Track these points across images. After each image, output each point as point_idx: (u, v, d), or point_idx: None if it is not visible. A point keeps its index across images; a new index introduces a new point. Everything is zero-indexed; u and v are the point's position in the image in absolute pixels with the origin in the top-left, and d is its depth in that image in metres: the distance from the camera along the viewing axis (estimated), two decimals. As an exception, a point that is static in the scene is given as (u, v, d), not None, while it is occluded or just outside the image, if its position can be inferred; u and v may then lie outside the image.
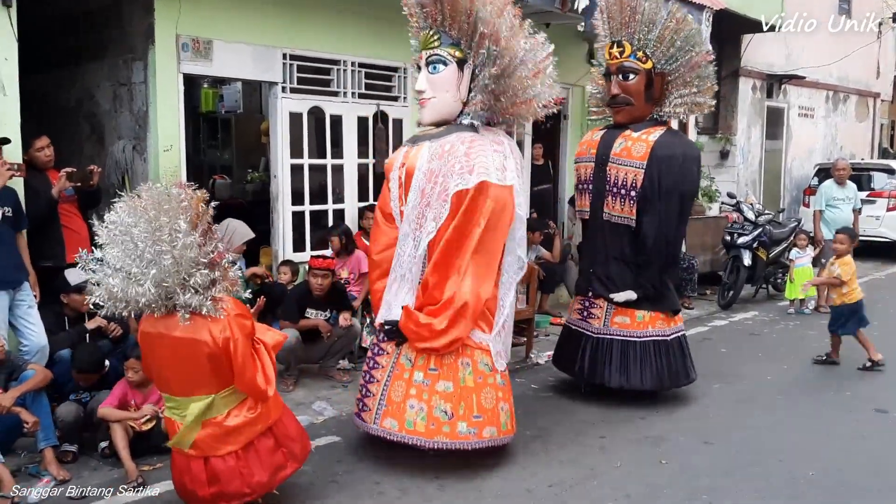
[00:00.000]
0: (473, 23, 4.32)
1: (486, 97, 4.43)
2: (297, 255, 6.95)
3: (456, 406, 4.30)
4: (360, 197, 7.53)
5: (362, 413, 4.54)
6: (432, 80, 4.48)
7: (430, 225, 4.33)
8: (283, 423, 3.80)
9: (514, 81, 4.38)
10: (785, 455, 4.73)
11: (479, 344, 4.41)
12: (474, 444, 4.35)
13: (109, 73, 6.38)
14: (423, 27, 4.53)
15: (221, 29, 6.21)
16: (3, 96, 4.97)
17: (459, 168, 4.24)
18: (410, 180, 4.45)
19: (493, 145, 4.41)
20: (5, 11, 4.94)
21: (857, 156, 16.31)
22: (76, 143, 6.77)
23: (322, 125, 7.25)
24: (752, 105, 13.50)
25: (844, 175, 9.30)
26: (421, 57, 4.55)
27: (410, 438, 4.31)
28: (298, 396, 5.71)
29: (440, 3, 4.37)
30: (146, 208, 3.42)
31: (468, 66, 4.44)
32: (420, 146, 4.53)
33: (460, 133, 4.43)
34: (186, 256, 3.39)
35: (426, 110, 4.57)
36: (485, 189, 4.22)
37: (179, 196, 3.47)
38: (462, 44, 4.42)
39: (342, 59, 7.16)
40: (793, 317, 8.84)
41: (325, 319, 5.99)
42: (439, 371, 4.32)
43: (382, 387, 4.44)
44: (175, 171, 6.02)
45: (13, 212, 4.83)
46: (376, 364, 4.54)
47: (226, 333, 3.48)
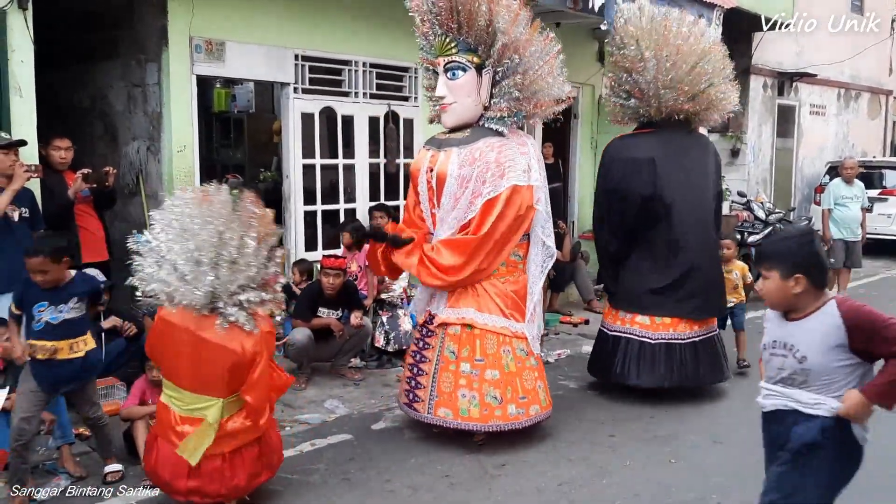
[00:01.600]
0: (492, 33, 4.49)
1: (512, 104, 4.62)
2: (309, 254, 7.01)
3: (504, 391, 4.65)
4: (371, 196, 7.58)
5: (414, 404, 4.80)
6: (452, 86, 4.67)
7: (452, 223, 4.64)
8: (268, 435, 3.91)
9: (535, 85, 4.60)
10: (794, 454, 4.74)
11: (515, 333, 4.72)
12: (524, 422, 4.74)
13: (123, 74, 6.45)
14: (438, 34, 4.67)
15: (234, 30, 6.27)
16: (20, 98, 5.03)
17: (491, 175, 4.52)
18: (442, 185, 4.66)
19: (520, 148, 4.67)
20: (21, 14, 5.00)
21: (868, 154, 16.24)
22: (89, 142, 6.84)
23: (333, 125, 7.30)
24: (762, 103, 13.46)
25: (852, 174, 9.27)
26: (439, 63, 4.70)
27: (466, 425, 4.64)
28: (310, 395, 5.76)
29: (456, 13, 4.51)
30: (218, 213, 3.48)
31: (486, 70, 4.62)
32: (448, 152, 4.69)
33: (488, 139, 4.63)
34: (246, 273, 3.49)
35: (448, 115, 4.75)
36: (513, 192, 4.53)
37: (251, 211, 3.57)
38: (479, 50, 4.59)
39: (353, 60, 7.21)
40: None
41: (337, 318, 6.04)
42: (485, 361, 4.65)
43: (431, 379, 4.71)
44: (189, 172, 6.09)
45: (30, 212, 4.90)
46: (423, 357, 4.81)
47: (257, 349, 3.60)
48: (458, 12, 4.51)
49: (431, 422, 4.75)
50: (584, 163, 10.06)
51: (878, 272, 11.70)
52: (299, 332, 5.86)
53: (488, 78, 4.64)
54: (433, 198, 4.77)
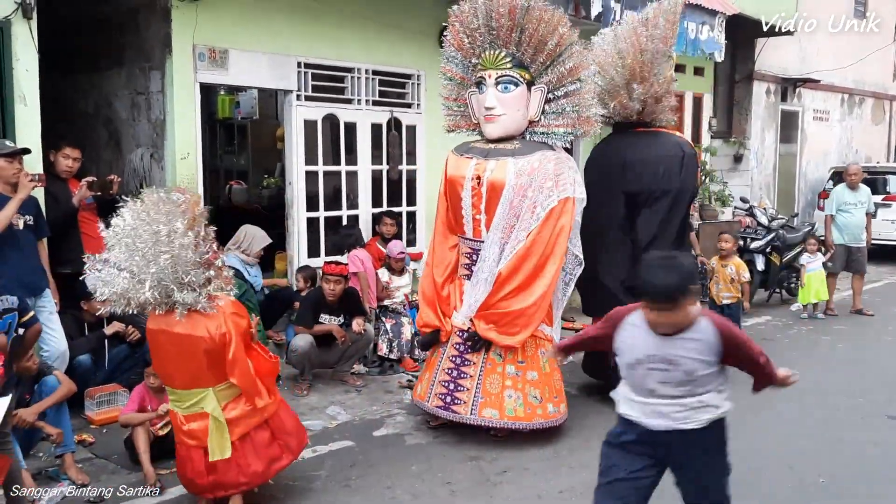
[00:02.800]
0: (557, 55, 4.76)
1: (568, 120, 4.88)
2: (311, 260, 7.03)
3: (542, 391, 4.93)
4: (374, 203, 7.60)
5: (452, 406, 4.90)
6: (503, 99, 4.87)
7: (521, 234, 4.80)
8: (279, 417, 3.99)
9: (584, 102, 4.89)
10: (795, 461, 4.75)
11: (546, 336, 5.00)
12: (559, 420, 5.02)
13: (127, 82, 6.49)
14: (490, 47, 4.86)
15: (237, 38, 6.31)
16: (24, 106, 5.07)
17: (550, 185, 4.75)
18: (494, 193, 4.82)
19: (569, 162, 4.96)
20: (25, 23, 5.04)
21: (872, 159, 16.21)
22: (94, 148, 6.88)
23: (336, 132, 7.33)
24: (766, 108, 13.45)
25: (857, 179, 9.26)
26: (489, 75, 4.87)
27: (513, 424, 4.85)
28: (312, 401, 5.78)
29: (518, 30, 4.72)
30: (147, 211, 3.64)
31: (538, 87, 4.86)
32: (502, 161, 4.85)
33: (544, 152, 4.86)
34: (183, 256, 3.60)
35: (495, 126, 4.95)
36: (568, 203, 4.80)
37: (178, 200, 3.68)
38: (532, 67, 4.83)
39: (356, 67, 7.23)
40: (806, 322, 8.82)
41: (339, 325, 6.06)
42: (526, 363, 4.92)
43: (476, 381, 4.85)
44: (192, 179, 6.12)
45: (34, 220, 4.93)
46: (466, 361, 4.98)
47: (221, 329, 3.69)
48: (522, 31, 4.73)
49: (475, 422, 4.87)
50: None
51: (883, 278, 11.69)
52: (301, 339, 5.89)
53: (540, 94, 4.88)
54: (479, 204, 4.91)
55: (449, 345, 5.06)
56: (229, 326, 3.72)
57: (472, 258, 5.03)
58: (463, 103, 5.20)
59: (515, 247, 4.79)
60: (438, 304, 5.13)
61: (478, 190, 4.89)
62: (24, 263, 4.79)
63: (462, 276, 5.13)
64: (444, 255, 5.22)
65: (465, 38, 4.92)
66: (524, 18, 4.70)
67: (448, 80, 5.23)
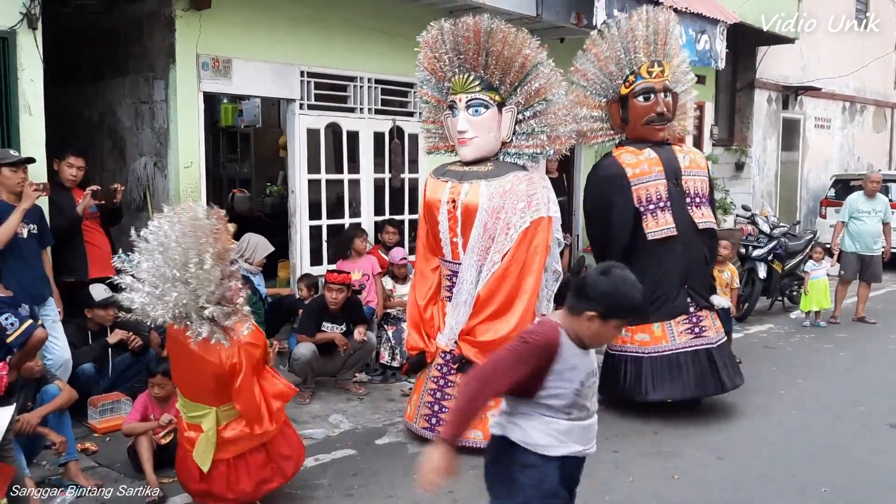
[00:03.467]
0: (524, 76, 4.76)
1: (537, 142, 4.88)
2: (314, 268, 7.05)
3: None
4: (376, 211, 7.63)
5: (437, 427, 4.88)
6: (474, 122, 4.89)
7: (496, 256, 4.81)
8: (277, 442, 4.01)
9: (554, 121, 4.89)
10: (798, 470, 4.75)
11: None
12: None
13: (131, 91, 6.52)
14: (459, 71, 4.89)
15: (240, 47, 6.34)
16: (29, 116, 5.10)
17: (523, 206, 4.77)
18: (468, 216, 4.85)
19: (542, 181, 4.98)
20: (30, 34, 5.08)
21: (874, 167, 16.23)
22: (98, 157, 6.91)
23: (339, 140, 7.36)
24: (767, 116, 13.48)
25: (876, 188, 9.19)
26: (460, 99, 4.90)
27: None
28: (315, 409, 5.79)
29: (485, 53, 4.74)
30: (183, 229, 3.61)
31: (508, 108, 4.87)
32: (475, 184, 4.88)
33: (516, 173, 4.87)
34: (206, 289, 3.62)
35: (468, 149, 4.97)
36: (542, 223, 4.81)
37: (214, 227, 3.68)
38: (502, 89, 4.84)
39: (358, 76, 7.27)
40: (808, 329, 8.82)
41: (341, 333, 6.07)
42: None
43: None
44: (195, 188, 6.14)
45: (38, 228, 4.96)
46: (449, 382, 4.95)
47: (233, 360, 3.73)
48: (488, 54, 4.75)
49: (461, 444, 4.78)
50: (589, 177, 10.09)
51: (886, 285, 11.66)
52: (303, 347, 5.90)
53: (510, 115, 4.90)
54: (455, 227, 4.94)
55: (432, 366, 5.10)
56: (241, 358, 3.75)
57: (452, 280, 5.07)
58: (440, 125, 5.25)
59: (492, 269, 4.82)
60: (422, 326, 5.16)
61: (453, 213, 4.93)
62: (27, 272, 4.81)
63: (444, 298, 5.16)
64: (425, 277, 5.25)
65: (435, 62, 4.97)
66: (488, 42, 4.73)
67: (424, 103, 5.29)
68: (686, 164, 5.71)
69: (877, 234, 9.10)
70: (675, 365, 5.52)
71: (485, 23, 4.70)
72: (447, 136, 5.20)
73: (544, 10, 7.49)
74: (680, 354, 5.55)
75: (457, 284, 5.00)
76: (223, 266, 3.71)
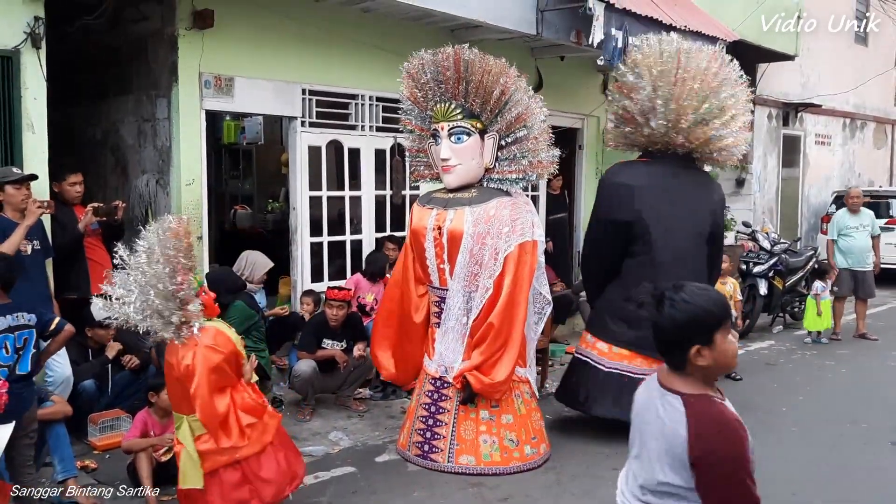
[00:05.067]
0: (504, 104, 4.83)
1: (519, 167, 4.94)
2: (315, 285, 7.06)
3: (519, 433, 4.95)
4: (377, 227, 7.65)
5: (431, 455, 4.92)
6: (456, 150, 4.95)
7: (487, 282, 4.84)
8: (256, 462, 3.86)
9: (535, 147, 4.94)
10: (799, 487, 4.73)
11: (521, 377, 5.05)
12: (538, 461, 5.02)
13: (134, 109, 6.57)
14: (441, 100, 4.95)
15: (243, 66, 6.39)
16: (32, 134, 5.13)
17: (507, 231, 4.82)
18: (454, 243, 4.90)
19: (526, 206, 5.04)
20: (34, 53, 5.12)
21: (875, 183, 16.25)
22: (101, 175, 6.95)
23: (340, 157, 7.39)
24: (767, 133, 13.51)
25: (858, 203, 9.29)
26: (442, 127, 4.96)
27: (490, 469, 4.85)
28: (315, 426, 5.78)
29: (465, 82, 4.81)
30: (150, 234, 3.80)
31: (490, 135, 4.93)
32: (459, 210, 4.93)
33: (500, 199, 4.93)
34: (154, 286, 3.69)
35: (452, 176, 5.03)
36: (527, 247, 4.86)
37: (169, 225, 3.80)
38: (483, 116, 4.90)
39: (360, 94, 7.31)
40: (809, 346, 8.81)
41: (341, 349, 6.08)
42: (500, 406, 4.94)
43: (451, 428, 4.89)
44: (197, 204, 6.17)
45: (41, 244, 4.98)
46: (440, 409, 5.00)
47: (186, 361, 3.72)
48: (468, 83, 4.81)
49: (453, 471, 4.86)
50: (589, 193, 10.08)
51: (886, 302, 11.67)
52: (304, 364, 5.90)
53: (492, 142, 4.95)
54: (441, 253, 4.98)
55: (422, 393, 5.12)
56: (196, 360, 3.70)
57: (440, 306, 5.10)
58: (425, 154, 5.29)
59: (485, 294, 4.83)
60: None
61: (439, 240, 4.98)
62: (31, 290, 4.81)
63: (433, 325, 5.19)
64: (393, 300, 5.40)
65: (417, 91, 5.03)
66: (468, 71, 4.79)
67: (409, 132, 5.33)
68: None
69: (867, 248, 9.14)
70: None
71: (464, 53, 4.79)
72: (431, 163, 5.24)
73: (544, 29, 7.53)
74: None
75: (444, 311, 5.04)
76: (175, 261, 3.73)
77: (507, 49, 6.89)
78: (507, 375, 4.79)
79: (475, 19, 7.09)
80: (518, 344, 4.83)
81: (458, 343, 4.99)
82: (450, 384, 4.96)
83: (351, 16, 6.99)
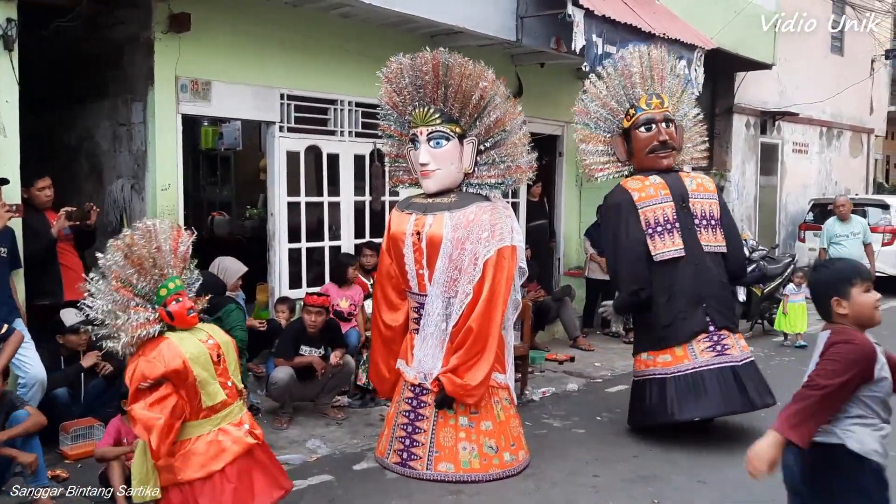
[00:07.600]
0: (483, 108, 4.81)
1: (498, 172, 4.92)
2: (292, 291, 6.99)
3: (498, 440, 4.92)
4: (356, 234, 7.60)
5: (410, 462, 4.87)
6: (435, 154, 4.91)
7: (466, 287, 4.80)
8: (197, 489, 3.68)
9: (514, 152, 4.93)
10: (778, 494, 4.71)
11: (500, 384, 5.02)
12: (517, 468, 4.98)
13: (109, 113, 6.48)
14: (420, 105, 4.92)
15: (220, 70, 6.32)
16: (4, 137, 5.05)
17: (487, 236, 4.79)
18: (433, 248, 4.87)
19: (506, 211, 5.01)
20: (6, 55, 5.04)
21: (851, 191, 16.41)
22: (76, 181, 6.85)
23: (319, 163, 7.34)
24: (745, 141, 13.63)
25: (844, 211, 9.36)
26: (421, 132, 4.92)
27: (469, 476, 4.80)
28: (292, 434, 5.71)
29: (444, 87, 4.78)
30: (118, 246, 3.77)
31: (469, 140, 4.91)
32: (438, 215, 4.89)
33: (479, 203, 4.91)
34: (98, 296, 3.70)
35: (431, 181, 4.99)
36: (507, 251, 4.83)
37: (133, 231, 3.78)
38: (462, 121, 4.88)
39: (339, 99, 7.27)
40: (788, 352, 8.85)
41: (319, 356, 6.01)
42: (480, 413, 4.90)
43: (430, 435, 4.85)
44: (173, 210, 6.09)
45: (9, 252, 4.89)
46: (419, 415, 4.95)
47: (128, 372, 3.71)
48: (447, 87, 4.79)
49: (432, 478, 4.81)
50: (570, 200, 10.13)
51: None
52: (281, 371, 5.83)
53: (471, 147, 4.92)
54: (421, 259, 4.94)
55: (401, 400, 5.07)
56: (134, 371, 3.67)
57: (419, 312, 5.06)
58: (404, 158, 5.26)
59: (464, 300, 4.80)
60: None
61: (418, 245, 4.94)
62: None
63: (412, 331, 5.15)
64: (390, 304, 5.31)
65: (395, 96, 5.00)
66: (447, 75, 4.76)
67: (388, 136, 5.30)
68: (693, 188, 5.75)
69: (859, 256, 9.16)
70: (699, 382, 5.48)
71: (442, 57, 4.76)
72: (410, 168, 5.22)
73: (524, 36, 7.54)
74: (704, 372, 5.48)
75: (423, 317, 5.00)
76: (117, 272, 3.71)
77: (487, 55, 6.85)
78: (482, 380, 4.74)
79: (455, 25, 7.09)
80: (495, 348, 4.80)
81: (438, 349, 4.94)
82: (429, 391, 4.91)
83: (330, 21, 6.96)
